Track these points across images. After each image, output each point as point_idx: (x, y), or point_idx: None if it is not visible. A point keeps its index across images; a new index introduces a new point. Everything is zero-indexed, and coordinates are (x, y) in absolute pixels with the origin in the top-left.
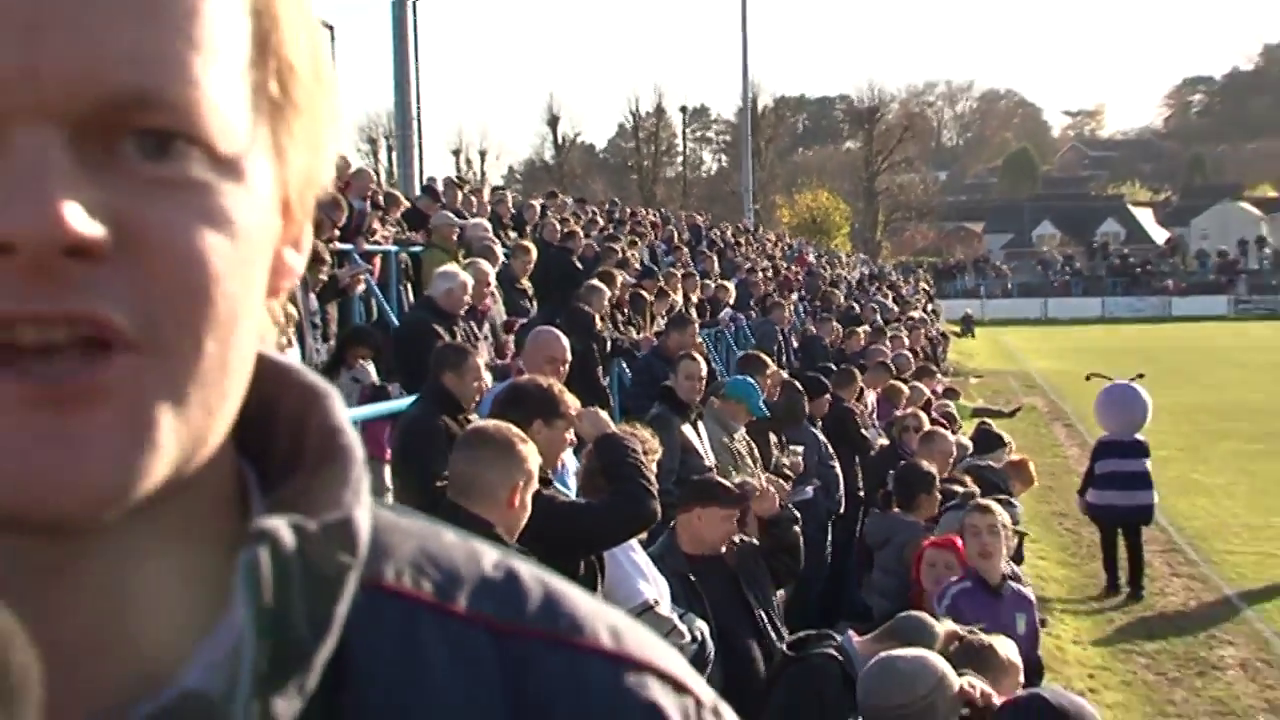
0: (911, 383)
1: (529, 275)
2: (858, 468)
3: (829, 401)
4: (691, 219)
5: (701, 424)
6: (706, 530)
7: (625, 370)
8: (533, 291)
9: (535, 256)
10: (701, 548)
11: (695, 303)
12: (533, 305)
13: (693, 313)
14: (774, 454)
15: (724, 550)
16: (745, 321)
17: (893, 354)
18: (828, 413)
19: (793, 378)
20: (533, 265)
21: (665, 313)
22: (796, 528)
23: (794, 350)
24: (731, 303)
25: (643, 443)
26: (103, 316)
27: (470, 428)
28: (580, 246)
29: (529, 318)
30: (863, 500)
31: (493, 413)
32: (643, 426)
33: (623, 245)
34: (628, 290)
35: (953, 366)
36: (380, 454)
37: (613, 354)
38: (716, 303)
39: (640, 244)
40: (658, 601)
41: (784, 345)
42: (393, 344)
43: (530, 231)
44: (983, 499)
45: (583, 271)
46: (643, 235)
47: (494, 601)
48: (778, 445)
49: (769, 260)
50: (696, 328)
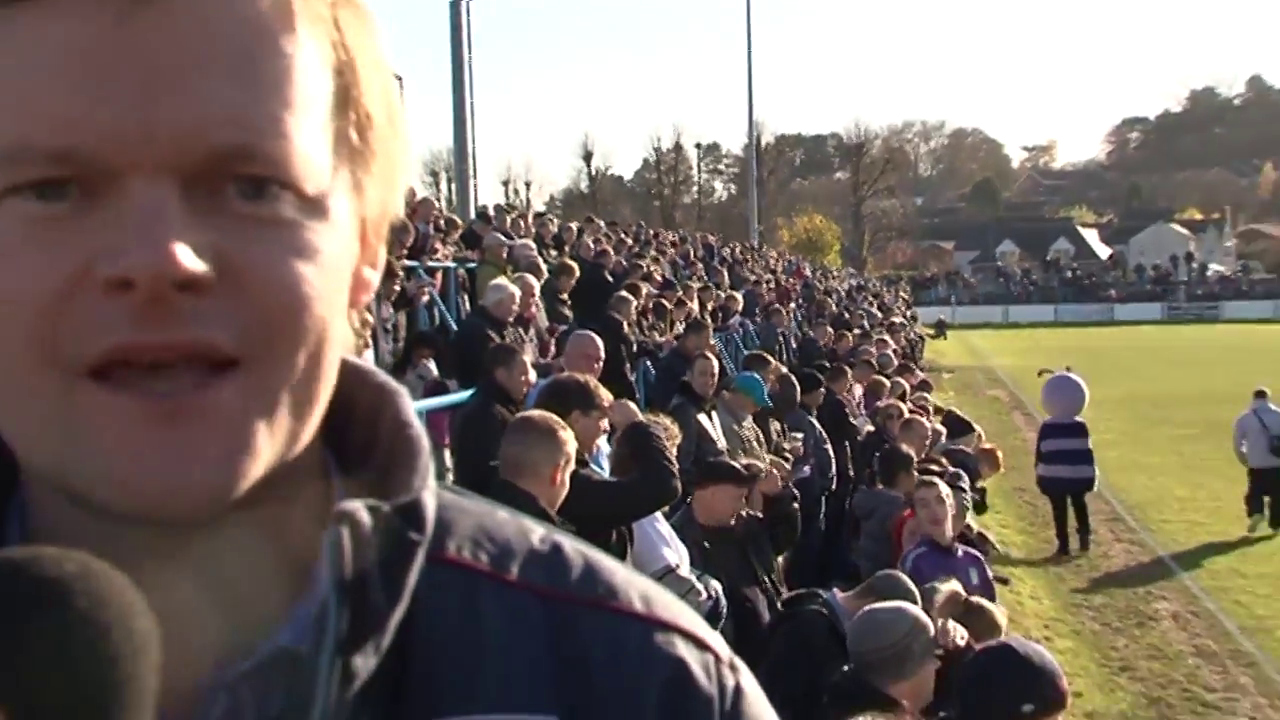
0: (893, 378)
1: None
2: (847, 450)
3: (823, 394)
4: (705, 239)
5: (714, 413)
6: (718, 504)
7: (649, 368)
8: (571, 302)
9: (577, 274)
10: (714, 519)
11: (709, 310)
12: (571, 314)
13: (706, 319)
14: (776, 439)
15: (733, 522)
16: (751, 326)
17: (877, 353)
18: (822, 404)
19: (791, 374)
20: (574, 282)
21: (683, 319)
22: (795, 504)
23: (792, 350)
24: (739, 310)
25: (665, 430)
26: (208, 341)
27: (519, 416)
28: (611, 263)
29: (568, 324)
30: (852, 478)
31: (537, 404)
32: (665, 416)
33: (647, 262)
34: (651, 300)
35: (928, 364)
36: (441, 440)
37: (639, 354)
38: (727, 310)
39: (662, 260)
40: (679, 565)
41: (784, 346)
42: (452, 346)
43: (568, 250)
44: (927, 477)
45: (613, 284)
46: (664, 253)
47: (541, 571)
48: (779, 432)
49: (771, 274)
50: (710, 331)
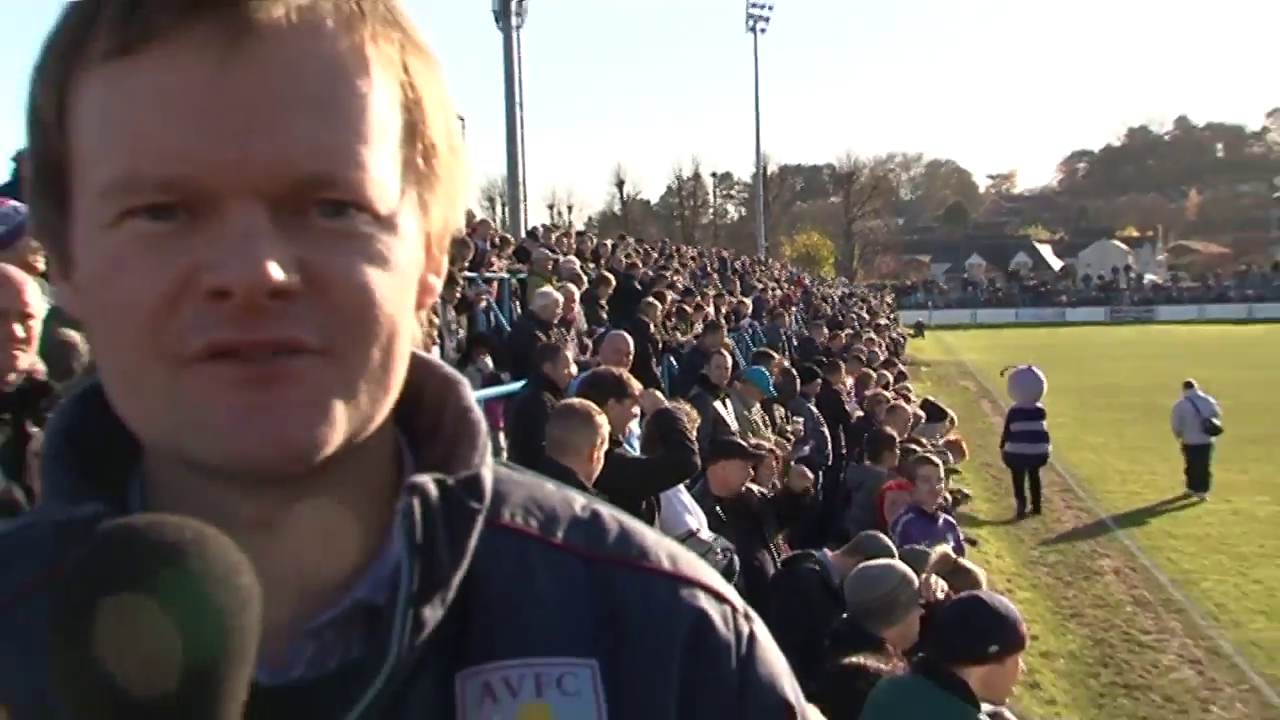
0: (879, 370)
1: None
2: (841, 432)
3: (820, 384)
4: (719, 253)
5: (728, 401)
6: (730, 476)
7: (673, 363)
8: (606, 307)
9: (614, 285)
10: (726, 490)
11: (723, 313)
12: (606, 317)
13: (721, 321)
14: (780, 423)
15: (744, 492)
16: (758, 327)
17: (866, 350)
18: (819, 393)
19: (792, 367)
20: (611, 291)
21: (701, 321)
22: (810, 494)
23: (793, 347)
24: (749, 313)
25: (686, 415)
26: (295, 339)
27: (562, 403)
28: (639, 274)
29: (604, 325)
30: (844, 456)
31: (578, 393)
32: (686, 403)
33: (670, 273)
34: (674, 305)
35: (909, 359)
36: (496, 425)
37: (664, 351)
38: (738, 313)
39: (683, 272)
40: (699, 529)
41: (786, 344)
42: (505, 345)
43: (604, 263)
44: (930, 457)
45: (641, 292)
46: (685, 265)
47: (583, 535)
48: (783, 417)
49: (775, 283)
50: (724, 332)
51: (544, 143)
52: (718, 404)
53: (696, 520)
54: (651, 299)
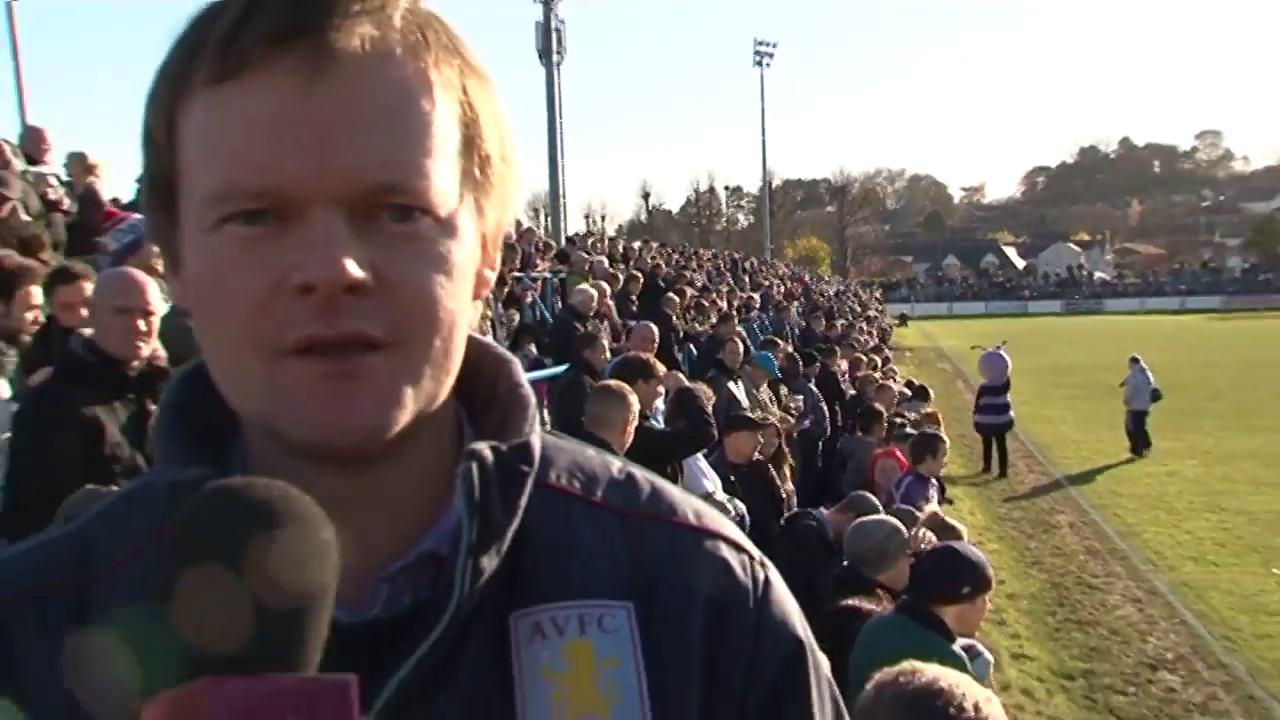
0: (869, 355)
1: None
2: (837, 408)
3: (819, 367)
4: (731, 255)
5: (740, 382)
6: (741, 445)
7: (692, 349)
8: (635, 301)
9: (642, 283)
10: (738, 458)
11: (734, 307)
12: (635, 309)
13: (733, 313)
14: (784, 400)
15: (755, 459)
16: (765, 318)
17: (858, 338)
18: (818, 374)
19: (795, 353)
20: (639, 288)
21: (716, 313)
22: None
23: (796, 336)
24: (757, 307)
25: (704, 393)
26: (365, 334)
27: (598, 384)
28: (663, 273)
29: (633, 317)
30: (839, 428)
31: (612, 375)
32: (703, 384)
33: (689, 272)
34: (693, 300)
35: (895, 345)
36: (541, 404)
37: (684, 339)
38: (748, 307)
39: (700, 271)
40: (714, 491)
41: (789, 333)
42: (549, 334)
43: (632, 264)
44: (940, 435)
45: (664, 288)
46: (701, 266)
47: (619, 494)
48: (787, 395)
49: (780, 280)
50: (735, 322)
51: (581, 162)
52: (731, 384)
53: (713, 483)
54: (673, 294)
